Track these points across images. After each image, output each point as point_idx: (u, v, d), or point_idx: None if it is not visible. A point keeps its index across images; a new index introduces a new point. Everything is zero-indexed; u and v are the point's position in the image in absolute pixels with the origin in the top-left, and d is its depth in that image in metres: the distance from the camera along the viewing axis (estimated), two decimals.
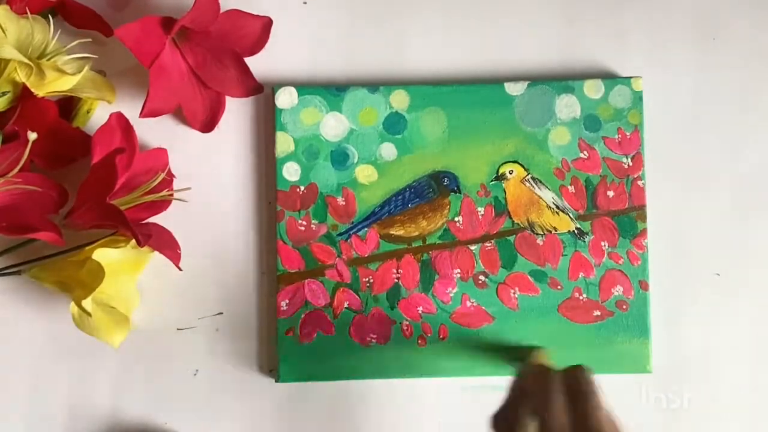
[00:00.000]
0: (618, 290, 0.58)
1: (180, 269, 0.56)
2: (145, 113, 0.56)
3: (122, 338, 0.56)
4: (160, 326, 0.59)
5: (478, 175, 0.59)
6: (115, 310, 0.56)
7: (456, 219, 0.59)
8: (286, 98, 0.59)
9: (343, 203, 0.59)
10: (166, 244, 0.56)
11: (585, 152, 0.59)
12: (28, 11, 0.54)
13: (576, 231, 0.59)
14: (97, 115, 0.59)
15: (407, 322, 0.58)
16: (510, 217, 0.59)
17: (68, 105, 0.58)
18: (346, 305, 0.58)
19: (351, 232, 0.58)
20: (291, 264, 0.58)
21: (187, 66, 0.58)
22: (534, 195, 0.59)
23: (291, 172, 0.59)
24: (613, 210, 0.59)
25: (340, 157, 0.59)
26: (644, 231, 0.59)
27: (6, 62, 0.53)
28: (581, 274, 0.59)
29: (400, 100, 0.59)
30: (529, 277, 0.58)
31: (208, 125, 0.59)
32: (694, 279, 0.60)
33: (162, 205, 0.57)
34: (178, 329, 0.59)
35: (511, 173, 0.59)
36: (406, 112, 0.59)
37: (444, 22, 0.61)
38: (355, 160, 0.59)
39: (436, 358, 0.58)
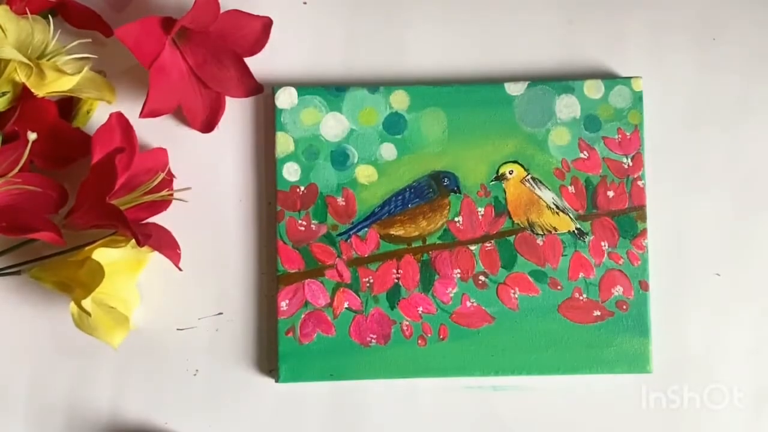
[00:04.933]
0: (618, 290, 0.58)
1: (180, 269, 0.56)
2: (145, 113, 0.56)
3: (122, 338, 0.56)
4: (160, 326, 0.59)
5: (478, 176, 0.59)
6: (114, 310, 0.56)
7: (456, 219, 0.59)
8: (286, 98, 0.59)
9: (343, 203, 0.59)
10: (166, 244, 0.56)
11: (585, 152, 0.59)
12: (28, 11, 0.54)
13: (576, 231, 0.59)
14: (97, 115, 0.59)
15: (407, 323, 0.58)
16: (510, 218, 0.59)
17: (68, 105, 0.58)
18: (346, 305, 0.58)
19: (351, 233, 0.58)
20: (291, 264, 0.58)
21: (187, 66, 0.58)
22: (534, 195, 0.59)
23: (291, 172, 0.59)
24: (613, 210, 0.59)
25: (340, 158, 0.59)
26: (644, 231, 0.59)
27: (6, 62, 0.53)
28: (581, 275, 0.59)
29: (400, 100, 0.59)
30: (529, 277, 0.58)
31: (208, 125, 0.59)
32: (694, 279, 0.60)
33: (162, 205, 0.57)
34: (178, 329, 0.59)
35: (511, 173, 0.59)
36: (406, 113, 0.59)
37: (444, 22, 0.61)
38: (355, 161, 0.59)
39: (436, 358, 0.58)
